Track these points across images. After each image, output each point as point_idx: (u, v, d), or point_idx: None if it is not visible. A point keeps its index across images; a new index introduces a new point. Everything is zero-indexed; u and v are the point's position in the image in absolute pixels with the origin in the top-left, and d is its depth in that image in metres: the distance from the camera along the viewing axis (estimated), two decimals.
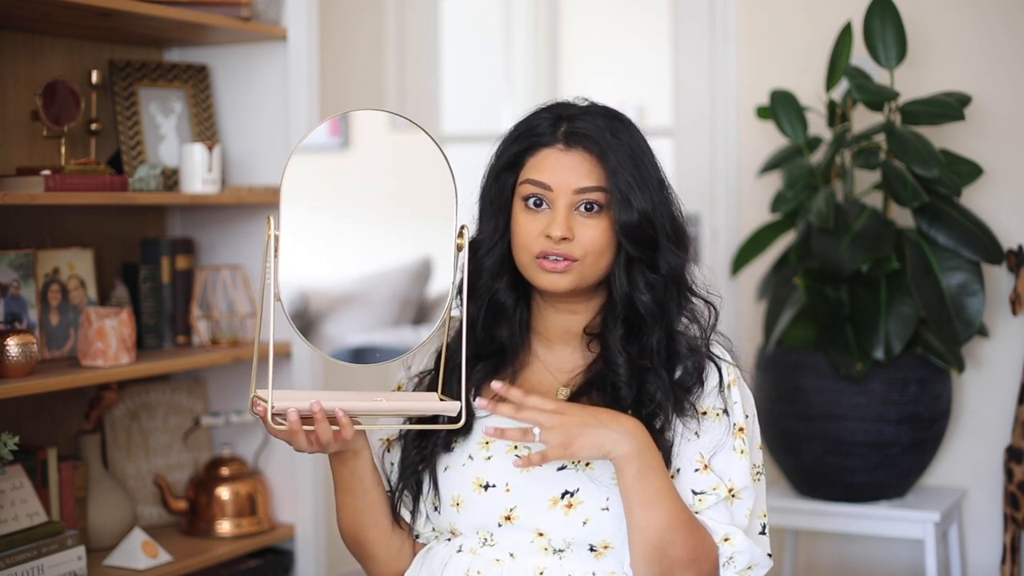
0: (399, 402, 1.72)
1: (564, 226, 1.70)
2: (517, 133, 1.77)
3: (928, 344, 2.93)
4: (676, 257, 1.73)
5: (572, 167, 1.72)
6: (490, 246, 1.77)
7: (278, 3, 2.87)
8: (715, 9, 3.43)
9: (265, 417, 1.63)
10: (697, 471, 1.70)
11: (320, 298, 1.64)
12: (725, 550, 1.68)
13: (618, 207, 1.70)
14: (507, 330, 1.78)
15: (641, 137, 1.75)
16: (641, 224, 1.70)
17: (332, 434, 1.65)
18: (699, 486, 1.69)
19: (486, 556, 1.72)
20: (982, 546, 3.15)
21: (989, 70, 3.13)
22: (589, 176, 1.71)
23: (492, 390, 1.65)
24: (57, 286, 2.63)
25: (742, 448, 1.72)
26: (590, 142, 1.72)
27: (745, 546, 1.68)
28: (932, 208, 2.90)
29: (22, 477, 2.47)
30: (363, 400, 1.67)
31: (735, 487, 1.70)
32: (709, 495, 1.69)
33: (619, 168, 1.70)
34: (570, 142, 1.73)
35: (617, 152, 1.71)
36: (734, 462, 1.71)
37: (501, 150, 1.78)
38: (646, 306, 1.72)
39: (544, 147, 1.74)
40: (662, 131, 3.84)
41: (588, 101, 1.79)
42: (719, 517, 1.69)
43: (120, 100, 2.78)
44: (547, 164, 1.72)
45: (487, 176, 1.79)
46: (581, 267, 1.71)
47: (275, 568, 2.92)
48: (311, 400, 1.63)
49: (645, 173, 1.72)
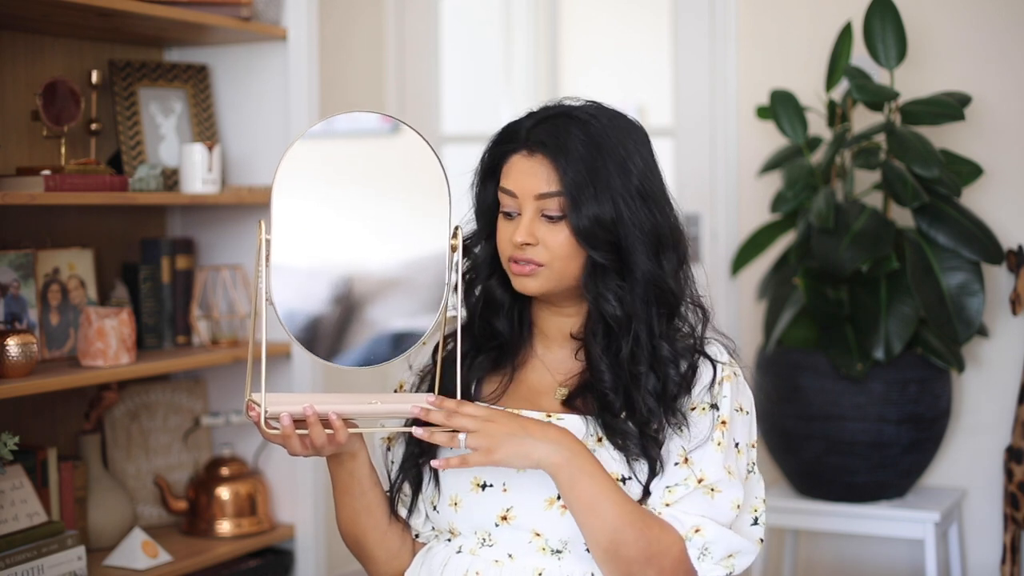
0: (393, 404, 1.72)
1: (524, 232, 1.70)
2: (496, 139, 1.78)
3: (928, 344, 2.93)
4: (651, 264, 1.70)
5: (534, 172, 1.71)
6: (477, 244, 1.80)
7: (278, 3, 2.87)
8: (715, 9, 3.43)
9: (259, 422, 1.63)
10: (677, 464, 1.70)
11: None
12: (696, 541, 1.67)
13: (570, 211, 1.68)
14: (505, 323, 1.79)
15: (614, 140, 1.70)
16: (594, 228, 1.68)
17: (326, 438, 1.65)
18: (673, 479, 1.69)
19: (485, 556, 1.72)
20: (982, 546, 3.15)
21: (989, 70, 3.13)
22: (548, 181, 1.70)
23: (425, 405, 1.66)
24: (57, 286, 2.63)
25: (719, 440, 1.71)
26: (547, 148, 1.70)
27: (718, 534, 1.67)
28: (932, 208, 2.90)
29: (22, 477, 2.47)
30: (357, 403, 1.67)
31: (706, 478, 1.69)
32: (680, 486, 1.69)
33: (570, 171, 1.68)
34: (532, 147, 1.72)
35: (571, 157, 1.68)
36: (709, 454, 1.70)
37: (484, 154, 1.79)
38: (611, 315, 1.70)
39: (513, 153, 1.74)
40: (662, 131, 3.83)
41: (582, 101, 1.77)
42: (691, 509, 1.68)
43: (120, 100, 2.78)
44: (514, 170, 1.73)
45: (475, 178, 1.81)
46: (548, 271, 1.71)
47: (275, 568, 2.92)
48: (304, 404, 1.63)
49: (605, 177, 1.68)
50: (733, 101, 3.42)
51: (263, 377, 1.63)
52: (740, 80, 3.41)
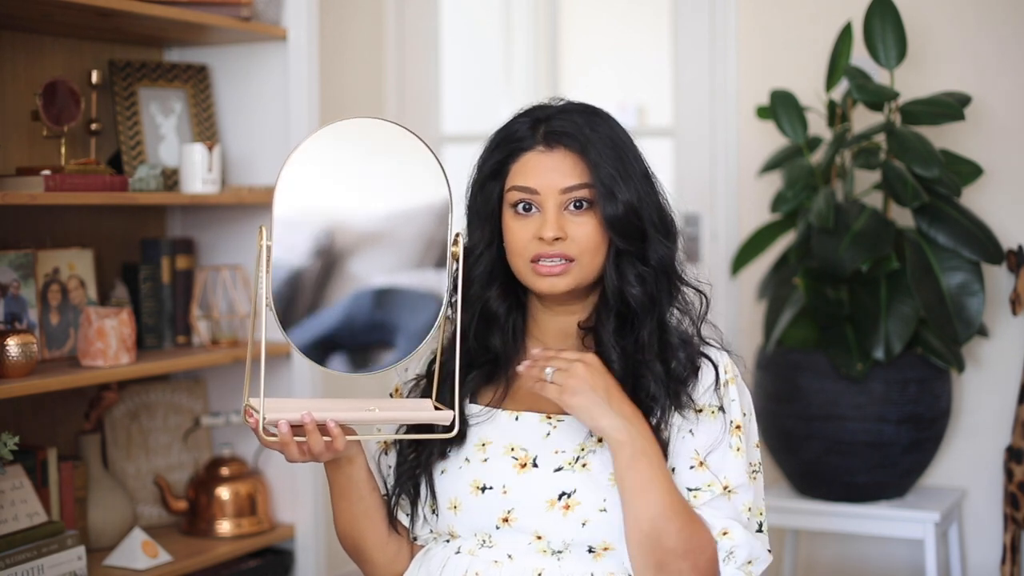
0: (392, 411, 1.72)
1: (556, 226, 1.70)
2: (497, 141, 1.77)
3: (928, 344, 2.93)
4: (665, 248, 1.73)
5: (555, 167, 1.71)
6: (478, 255, 1.77)
7: (278, 3, 2.87)
8: (715, 9, 3.43)
9: (257, 428, 1.63)
10: (692, 468, 1.69)
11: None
12: (724, 544, 1.67)
13: (603, 201, 1.69)
14: (499, 338, 1.78)
15: (621, 129, 1.75)
16: (627, 216, 1.70)
17: (324, 444, 1.65)
18: (694, 483, 1.69)
19: (484, 557, 1.72)
20: (982, 546, 3.15)
21: (989, 70, 3.13)
22: (573, 174, 1.71)
23: (530, 355, 1.69)
24: (57, 286, 2.63)
25: (738, 446, 1.71)
26: (569, 139, 1.71)
27: (743, 539, 1.68)
28: (932, 208, 2.90)
29: (22, 477, 2.47)
30: (356, 410, 1.67)
31: (730, 484, 1.70)
32: (704, 491, 1.69)
33: (601, 162, 1.70)
34: (550, 142, 1.72)
35: (597, 146, 1.71)
36: (730, 460, 1.70)
37: (483, 160, 1.78)
38: (637, 299, 1.72)
39: (525, 151, 1.74)
40: (662, 131, 3.84)
41: (564, 100, 1.79)
42: (718, 511, 1.68)
43: (120, 100, 2.78)
44: (530, 168, 1.72)
45: (471, 187, 1.79)
46: (579, 266, 1.71)
47: (275, 568, 2.92)
48: (303, 410, 1.63)
49: (628, 164, 1.71)
50: (733, 101, 3.42)
51: (262, 383, 1.63)
52: (740, 80, 3.41)
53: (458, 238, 1.70)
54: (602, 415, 1.63)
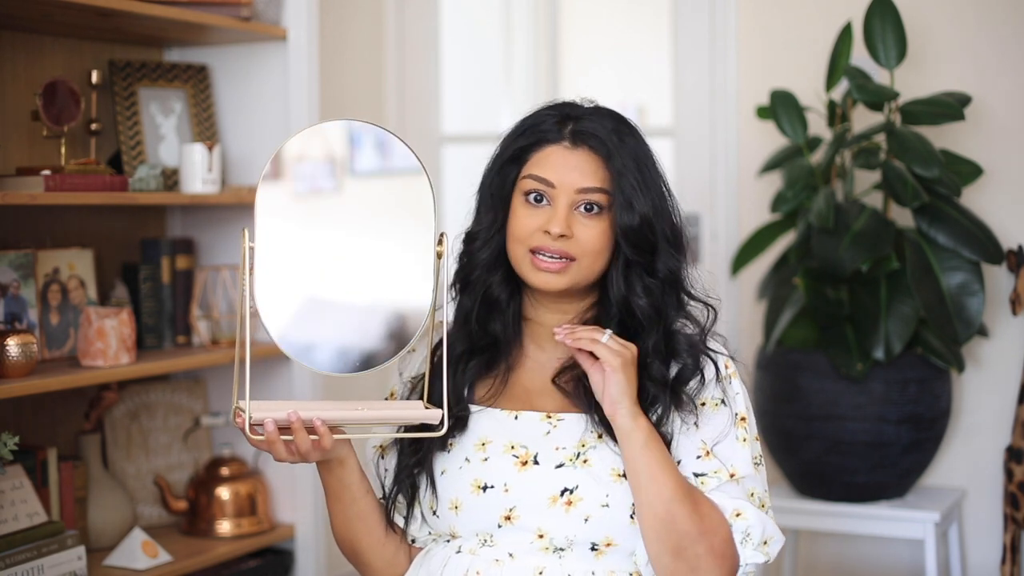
0: (380, 411, 1.72)
1: (564, 223, 1.70)
2: (523, 127, 1.77)
3: (928, 344, 2.93)
4: (674, 260, 1.74)
5: (576, 166, 1.72)
6: (487, 238, 1.77)
7: (278, 3, 2.87)
8: (715, 9, 3.43)
9: (244, 428, 1.63)
10: (699, 458, 1.70)
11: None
12: (739, 525, 1.67)
13: (620, 210, 1.70)
14: (500, 323, 1.78)
15: (645, 143, 1.76)
16: (642, 227, 1.71)
17: (311, 444, 1.66)
18: (701, 469, 1.70)
19: (485, 556, 1.72)
20: (982, 546, 3.16)
21: (989, 70, 3.13)
22: (593, 176, 1.72)
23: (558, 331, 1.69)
24: (57, 286, 2.63)
25: (744, 437, 1.73)
26: (596, 142, 1.72)
27: (757, 519, 1.68)
28: (932, 208, 2.90)
29: (22, 477, 2.47)
30: (343, 410, 1.68)
31: (737, 473, 1.70)
32: (711, 477, 1.69)
33: (624, 171, 1.71)
34: (576, 141, 1.73)
35: (623, 155, 1.72)
36: (737, 450, 1.72)
37: (506, 143, 1.78)
38: (643, 310, 1.73)
39: (549, 143, 1.74)
40: (662, 131, 3.83)
41: (594, 103, 1.80)
42: (727, 495, 1.69)
43: (120, 100, 2.78)
44: (551, 161, 1.73)
45: (490, 167, 1.79)
46: (578, 267, 1.71)
47: (275, 568, 2.92)
48: (289, 410, 1.64)
49: (648, 178, 1.73)
50: (733, 101, 3.42)
51: (247, 383, 1.64)
52: (740, 80, 3.41)
53: (443, 238, 1.70)
54: (628, 398, 1.65)
